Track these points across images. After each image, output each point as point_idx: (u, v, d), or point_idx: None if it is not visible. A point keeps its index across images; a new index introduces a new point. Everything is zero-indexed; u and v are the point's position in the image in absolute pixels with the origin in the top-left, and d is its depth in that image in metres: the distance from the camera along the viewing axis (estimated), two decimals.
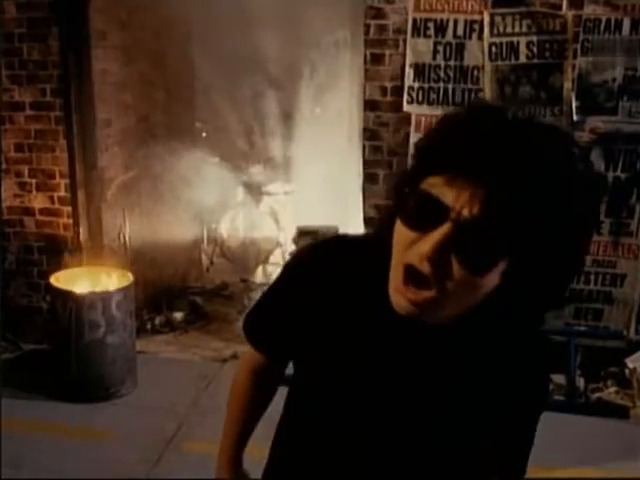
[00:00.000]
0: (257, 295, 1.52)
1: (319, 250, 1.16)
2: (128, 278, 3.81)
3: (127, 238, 4.56)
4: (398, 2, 3.71)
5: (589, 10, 3.59)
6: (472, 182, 0.84)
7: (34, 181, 4.23)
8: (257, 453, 1.34)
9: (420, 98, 3.79)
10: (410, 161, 0.98)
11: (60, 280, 3.77)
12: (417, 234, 0.88)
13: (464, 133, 0.87)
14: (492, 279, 0.88)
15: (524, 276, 0.89)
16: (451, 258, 0.86)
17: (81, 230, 4.24)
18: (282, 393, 1.24)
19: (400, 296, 0.92)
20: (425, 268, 0.87)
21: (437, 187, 0.86)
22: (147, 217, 4.85)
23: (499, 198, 0.82)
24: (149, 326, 4.65)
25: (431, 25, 3.71)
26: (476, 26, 3.68)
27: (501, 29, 3.67)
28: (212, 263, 5.92)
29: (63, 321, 3.63)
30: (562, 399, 3.70)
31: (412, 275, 0.89)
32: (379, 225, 1.08)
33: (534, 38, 3.65)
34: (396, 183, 0.97)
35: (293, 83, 6.03)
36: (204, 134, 6.04)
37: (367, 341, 1.06)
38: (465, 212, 0.84)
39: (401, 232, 0.91)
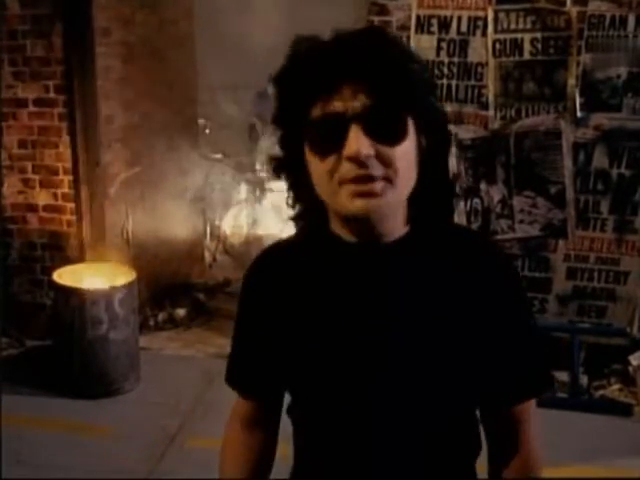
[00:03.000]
0: None
1: (256, 268, 1.17)
2: (131, 274, 3.82)
3: (130, 234, 4.56)
4: None
5: (593, 7, 3.58)
6: (347, 86, 0.94)
7: (37, 177, 4.24)
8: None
9: None
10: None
11: (63, 276, 3.78)
12: (334, 156, 0.96)
13: (315, 59, 0.97)
14: (409, 145, 0.98)
15: (429, 135, 1.01)
16: (371, 146, 0.95)
17: (84, 226, 4.24)
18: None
19: (354, 198, 0.96)
20: (364, 168, 0.95)
21: (325, 109, 0.95)
22: (150, 214, 4.85)
23: (374, 83, 0.94)
24: (152, 322, 4.65)
25: (435, 22, 3.70)
26: (480, 22, 3.67)
27: (505, 25, 3.66)
28: (215, 260, 5.92)
29: (66, 317, 3.64)
30: (565, 396, 3.70)
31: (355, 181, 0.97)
32: (295, 198, 1.13)
33: (538, 35, 3.64)
34: (285, 135, 1.05)
35: None
36: (207, 130, 6.03)
37: (342, 311, 1.06)
38: (358, 107, 0.94)
39: (319, 168, 0.98)
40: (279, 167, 1.08)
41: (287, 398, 1.20)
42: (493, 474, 1.17)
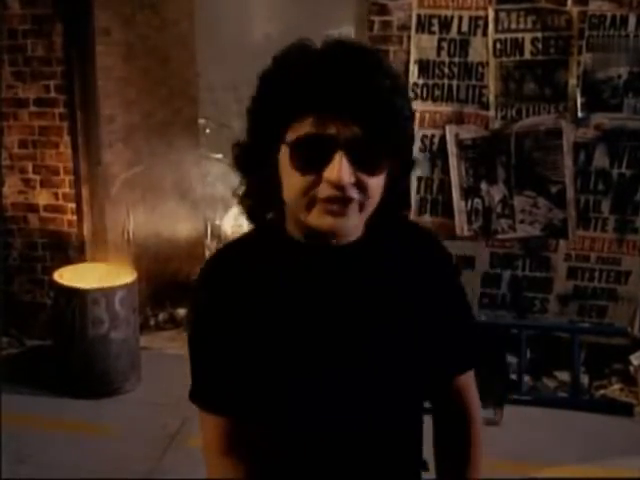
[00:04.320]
0: None
1: (211, 271, 1.18)
2: (132, 274, 3.82)
3: (131, 234, 4.57)
4: None
5: (594, 6, 3.58)
6: (340, 111, 0.95)
7: (38, 177, 4.24)
8: None
9: (424, 95, 3.78)
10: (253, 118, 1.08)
11: (64, 276, 3.78)
12: (313, 174, 0.98)
13: (311, 75, 0.96)
14: (384, 173, 1.03)
15: (399, 159, 1.05)
16: (352, 174, 0.98)
17: (85, 226, 4.24)
18: None
19: (325, 215, 0.99)
20: (345, 192, 0.97)
21: (314, 127, 0.96)
22: (151, 213, 4.85)
23: (366, 115, 0.96)
24: (153, 322, 4.66)
25: (435, 21, 3.70)
26: (480, 22, 3.67)
27: (506, 25, 3.66)
28: None
29: (67, 317, 3.64)
30: (566, 396, 3.70)
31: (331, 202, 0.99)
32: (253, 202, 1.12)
33: (539, 34, 3.64)
34: (252, 147, 1.07)
35: None
36: (208, 130, 6.04)
37: (300, 312, 1.09)
38: (349, 136, 0.96)
39: (295, 181, 0.99)
40: (244, 158, 1.10)
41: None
42: (440, 441, 1.29)
